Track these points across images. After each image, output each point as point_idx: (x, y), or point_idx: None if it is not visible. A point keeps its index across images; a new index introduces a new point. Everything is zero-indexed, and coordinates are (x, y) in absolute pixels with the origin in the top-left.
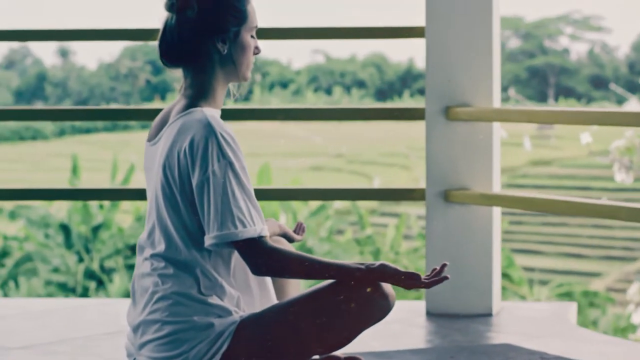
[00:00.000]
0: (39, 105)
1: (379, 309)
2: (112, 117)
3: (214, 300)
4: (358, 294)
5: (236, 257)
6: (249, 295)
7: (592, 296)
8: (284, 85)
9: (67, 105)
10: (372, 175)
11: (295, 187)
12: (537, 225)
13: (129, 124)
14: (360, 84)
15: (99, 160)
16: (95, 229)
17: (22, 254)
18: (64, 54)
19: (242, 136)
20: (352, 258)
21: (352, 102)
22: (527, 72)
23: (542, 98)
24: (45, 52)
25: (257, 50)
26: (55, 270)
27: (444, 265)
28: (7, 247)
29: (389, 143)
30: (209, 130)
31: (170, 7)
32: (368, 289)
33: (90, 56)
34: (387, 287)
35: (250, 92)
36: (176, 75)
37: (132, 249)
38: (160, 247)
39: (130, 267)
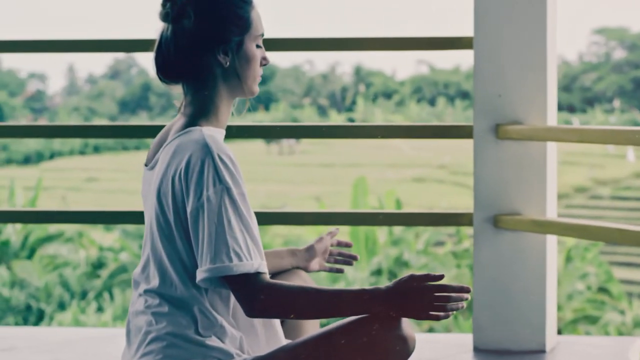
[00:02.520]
0: (143, 115)
1: (397, 355)
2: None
3: (213, 342)
4: (373, 337)
5: None
6: (253, 335)
7: None
8: (388, 96)
9: (170, 115)
10: None
11: (333, 211)
12: None
13: None
14: (464, 95)
15: None
16: None
17: (117, 265)
18: None
19: (341, 147)
20: (448, 271)
21: (455, 113)
22: (633, 83)
23: None
24: (151, 63)
25: (264, 61)
26: None
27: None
28: (103, 258)
29: None
30: (206, 151)
31: (165, 17)
32: (384, 331)
33: None
34: (407, 329)
35: (353, 102)
36: (176, 93)
37: None
38: (155, 282)
39: None
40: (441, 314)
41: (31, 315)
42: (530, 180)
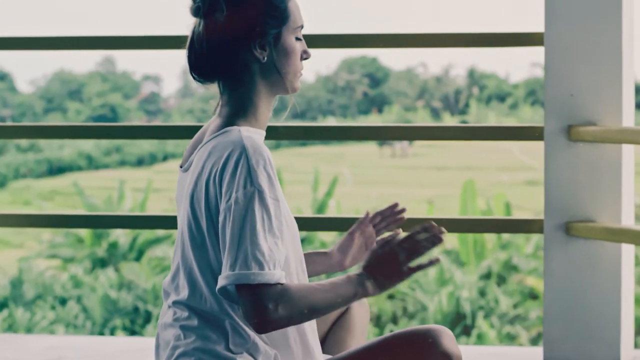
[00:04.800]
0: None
1: None
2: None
3: (244, 358)
4: (415, 355)
5: None
6: (287, 352)
7: None
8: (501, 98)
9: (283, 118)
10: None
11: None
12: None
13: None
14: None
15: (309, 172)
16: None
17: None
18: None
19: (453, 150)
20: None
21: None
22: None
23: None
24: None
25: (305, 55)
26: None
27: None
28: None
29: None
30: (241, 152)
31: (196, 12)
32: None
33: (308, 68)
34: (449, 345)
35: (466, 105)
36: (213, 92)
37: None
38: (184, 293)
39: None
40: (424, 263)
41: (138, 317)
42: (604, 185)
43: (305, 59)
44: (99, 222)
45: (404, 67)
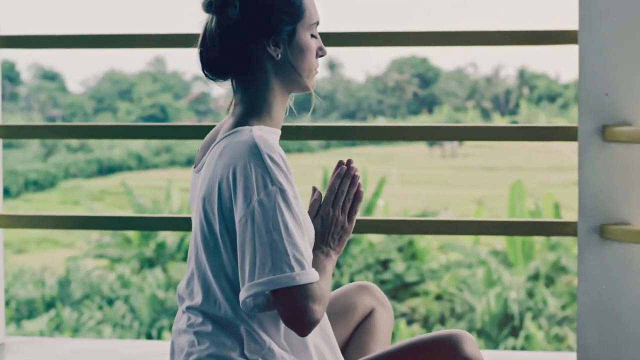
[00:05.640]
0: (305, 118)
1: None
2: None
3: None
4: None
5: None
6: (306, 358)
7: None
8: (552, 99)
9: (334, 118)
10: None
11: (430, 219)
12: None
13: None
14: None
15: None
16: (347, 244)
17: None
18: (332, 66)
19: (503, 150)
20: None
21: None
22: None
23: None
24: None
25: (321, 52)
26: None
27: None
28: None
29: None
30: (254, 152)
31: (208, 7)
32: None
33: (358, 69)
34: (471, 350)
35: (517, 105)
36: (225, 90)
37: (383, 264)
38: (198, 298)
39: (381, 283)
40: (355, 203)
41: None
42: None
43: (321, 56)
44: (146, 224)
45: (454, 67)
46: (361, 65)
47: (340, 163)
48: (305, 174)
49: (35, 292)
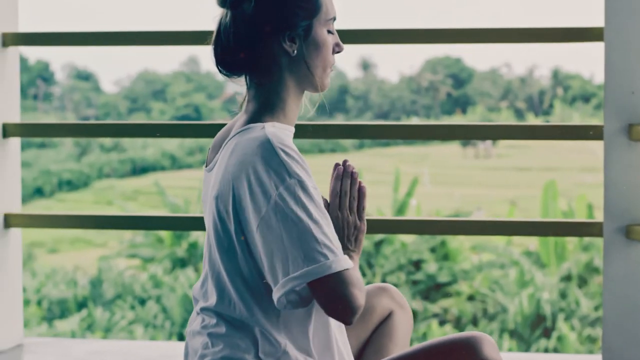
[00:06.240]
0: (339, 118)
1: None
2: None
3: None
4: None
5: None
6: (329, 357)
7: None
8: (586, 99)
9: (367, 118)
10: None
11: (461, 219)
12: None
13: None
14: None
15: (391, 173)
16: (378, 244)
17: None
18: (365, 66)
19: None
20: None
21: None
22: None
23: None
24: (349, 65)
25: (337, 48)
26: None
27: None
28: None
29: None
30: (267, 147)
31: (223, 3)
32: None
33: (392, 69)
34: (491, 353)
35: (551, 106)
36: (239, 87)
37: (416, 264)
38: (212, 299)
39: (414, 284)
40: (361, 200)
41: None
42: None
43: (338, 52)
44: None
45: (487, 68)
46: (395, 66)
47: (336, 165)
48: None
49: (68, 291)
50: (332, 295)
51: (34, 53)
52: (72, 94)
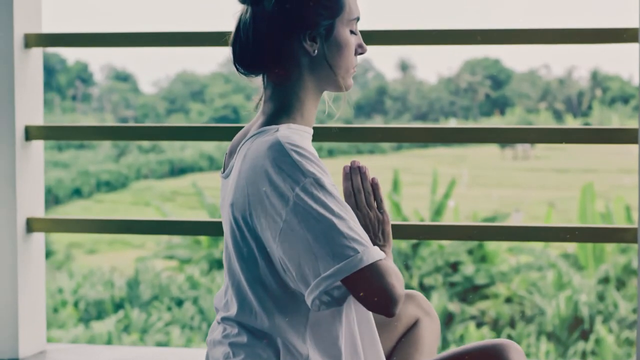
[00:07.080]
0: (378, 119)
1: None
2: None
3: None
4: None
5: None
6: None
7: None
8: (625, 100)
9: (405, 119)
10: None
11: (497, 224)
12: None
13: None
14: None
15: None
16: (416, 246)
17: None
18: (404, 68)
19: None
20: None
21: None
22: None
23: None
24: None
25: (360, 50)
26: None
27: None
28: None
29: None
30: (277, 149)
31: None
32: None
33: (430, 70)
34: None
35: (589, 107)
36: (256, 86)
37: (453, 266)
38: (233, 309)
39: (451, 286)
40: (377, 193)
41: None
42: None
43: (360, 54)
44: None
45: (526, 69)
46: (433, 67)
47: (344, 168)
48: (376, 175)
49: (105, 293)
50: (369, 289)
51: (73, 54)
52: (110, 95)
